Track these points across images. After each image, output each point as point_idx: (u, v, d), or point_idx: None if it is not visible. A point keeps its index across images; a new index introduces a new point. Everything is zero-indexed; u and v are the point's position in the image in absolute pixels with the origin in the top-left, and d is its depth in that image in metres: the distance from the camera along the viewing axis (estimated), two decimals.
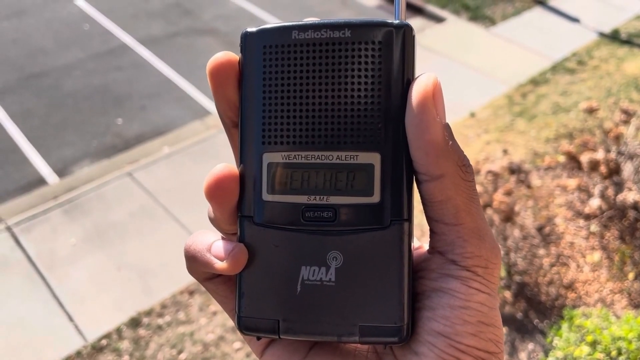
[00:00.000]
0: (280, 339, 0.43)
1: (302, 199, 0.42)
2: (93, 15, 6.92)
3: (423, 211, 0.42)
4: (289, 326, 0.42)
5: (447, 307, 0.39)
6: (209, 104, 5.44)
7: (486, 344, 0.39)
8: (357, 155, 0.41)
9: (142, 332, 3.41)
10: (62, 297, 3.61)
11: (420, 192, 0.41)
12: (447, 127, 0.40)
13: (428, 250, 0.43)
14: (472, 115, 5.32)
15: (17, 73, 5.85)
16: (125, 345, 3.34)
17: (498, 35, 6.83)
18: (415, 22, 7.07)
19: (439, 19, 7.14)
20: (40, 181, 4.59)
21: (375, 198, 0.41)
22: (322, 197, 0.42)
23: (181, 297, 3.59)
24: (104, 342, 3.36)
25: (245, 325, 0.43)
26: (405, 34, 0.41)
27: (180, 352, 3.31)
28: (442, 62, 6.17)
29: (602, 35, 6.81)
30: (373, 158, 0.41)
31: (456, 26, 7.05)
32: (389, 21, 0.41)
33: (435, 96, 0.39)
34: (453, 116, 5.24)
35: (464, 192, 0.40)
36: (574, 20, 7.12)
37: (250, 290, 0.43)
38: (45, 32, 6.59)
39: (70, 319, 3.49)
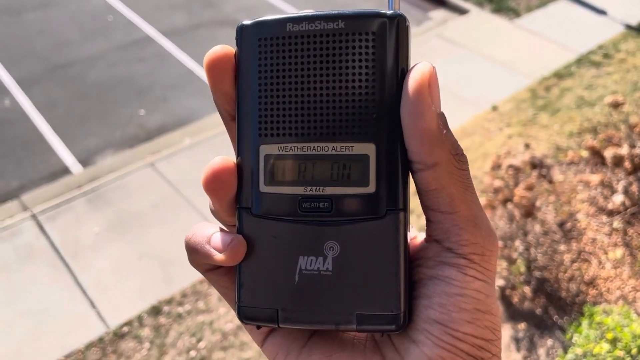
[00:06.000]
0: (279, 327, 0.43)
1: (298, 190, 0.42)
2: (117, 6, 6.98)
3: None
4: (287, 315, 0.42)
5: (443, 294, 0.40)
6: None
7: (482, 331, 0.40)
8: (352, 146, 0.41)
9: (162, 320, 3.47)
10: (85, 285, 3.68)
11: (415, 181, 0.42)
12: (441, 116, 0.40)
13: (425, 238, 0.43)
14: (495, 108, 5.26)
15: (43, 64, 5.94)
16: (146, 332, 3.40)
17: (522, 28, 6.73)
18: (438, 14, 7.00)
19: (462, 11, 7.06)
20: (65, 170, 4.67)
21: (371, 188, 0.41)
22: (318, 188, 0.42)
23: (201, 286, 3.64)
24: (125, 329, 3.43)
25: (245, 315, 0.44)
26: (399, 24, 0.41)
27: (199, 340, 3.35)
28: (464, 54, 6.10)
29: (630, 27, 6.67)
30: (368, 148, 0.41)
31: (479, 18, 6.96)
32: (383, 11, 0.42)
33: (430, 85, 0.40)
34: (475, 109, 5.19)
35: (458, 180, 0.40)
36: (601, 12, 6.98)
37: (249, 280, 0.43)
38: (70, 23, 6.68)
39: (93, 306, 3.56)
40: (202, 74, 5.78)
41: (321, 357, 0.43)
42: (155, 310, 3.51)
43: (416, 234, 0.46)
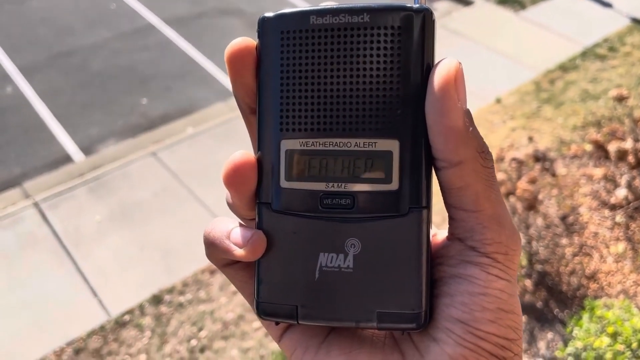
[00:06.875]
0: (298, 324, 0.43)
1: (320, 186, 0.42)
2: None
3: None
4: (307, 312, 0.42)
5: (465, 293, 0.39)
6: None
7: (505, 331, 0.39)
8: (375, 142, 0.41)
9: (163, 309, 3.48)
10: (87, 273, 3.69)
11: (439, 178, 0.41)
12: (467, 113, 0.39)
13: (447, 236, 0.43)
14: (498, 101, 5.24)
15: (46, 52, 5.93)
16: (147, 321, 3.42)
17: (527, 20, 6.69)
18: (442, 5, 6.96)
19: (466, 2, 7.01)
20: (67, 159, 4.67)
21: (394, 185, 0.40)
22: (340, 184, 0.41)
23: (202, 276, 3.64)
24: (126, 317, 3.44)
25: (263, 311, 0.43)
26: (425, 19, 0.40)
27: (200, 329, 3.37)
28: (468, 46, 6.07)
29: (635, 21, 6.62)
30: (392, 145, 0.40)
31: (484, 9, 6.92)
32: (409, 5, 0.41)
33: (457, 81, 0.39)
34: (478, 101, 5.17)
35: (484, 178, 0.39)
36: (607, 5, 6.93)
37: (268, 276, 0.43)
38: (74, 11, 6.66)
39: (95, 294, 3.58)
40: (204, 63, 5.76)
41: (340, 354, 0.42)
42: (157, 299, 3.53)
43: (436, 231, 0.45)
